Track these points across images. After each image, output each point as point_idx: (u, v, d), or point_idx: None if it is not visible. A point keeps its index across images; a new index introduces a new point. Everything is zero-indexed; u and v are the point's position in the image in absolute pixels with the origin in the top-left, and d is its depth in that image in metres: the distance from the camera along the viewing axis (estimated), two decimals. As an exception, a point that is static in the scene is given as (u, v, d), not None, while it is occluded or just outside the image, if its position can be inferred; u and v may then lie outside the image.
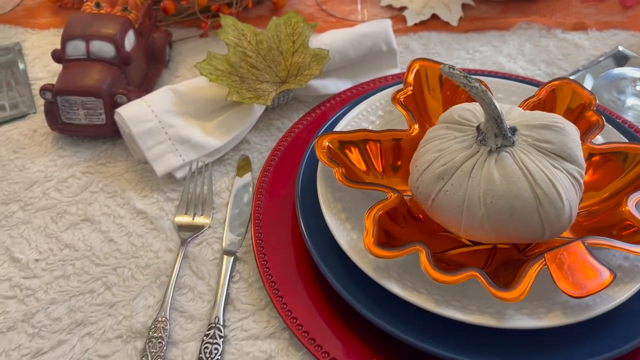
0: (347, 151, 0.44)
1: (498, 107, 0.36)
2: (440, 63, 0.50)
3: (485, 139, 0.37)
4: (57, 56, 0.53)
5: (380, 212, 0.38)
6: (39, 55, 0.64)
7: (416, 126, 0.45)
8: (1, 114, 0.56)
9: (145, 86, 0.57)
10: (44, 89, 0.51)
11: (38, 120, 0.56)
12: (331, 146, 0.43)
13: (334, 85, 0.57)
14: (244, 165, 0.51)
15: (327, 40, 0.56)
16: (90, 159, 0.52)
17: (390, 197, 0.39)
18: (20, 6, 0.72)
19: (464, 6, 0.69)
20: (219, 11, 0.65)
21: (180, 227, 0.46)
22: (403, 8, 0.70)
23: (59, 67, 0.61)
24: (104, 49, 0.52)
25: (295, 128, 0.52)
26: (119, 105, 0.51)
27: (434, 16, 0.68)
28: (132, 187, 0.50)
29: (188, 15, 0.65)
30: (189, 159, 0.50)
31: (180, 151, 0.50)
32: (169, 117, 0.50)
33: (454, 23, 0.67)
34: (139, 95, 0.52)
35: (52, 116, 0.53)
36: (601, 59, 0.62)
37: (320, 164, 0.44)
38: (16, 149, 0.53)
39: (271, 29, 0.55)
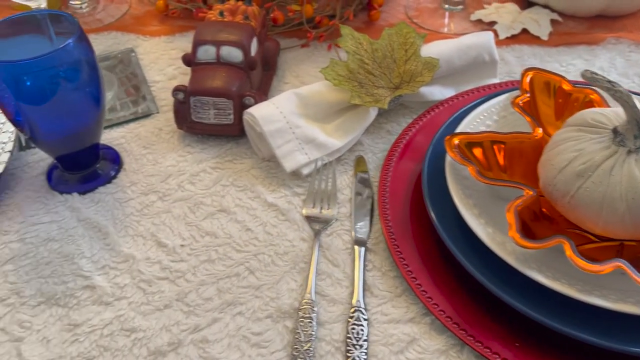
0: (473, 151, 0.47)
1: None
2: (553, 73, 0.53)
3: (623, 140, 0.40)
4: (188, 60, 0.57)
5: (520, 207, 0.41)
6: (153, 60, 0.68)
7: (540, 130, 0.48)
8: (127, 111, 0.61)
9: (261, 91, 0.61)
10: (177, 90, 0.55)
11: (162, 119, 0.60)
12: (461, 145, 0.46)
13: (439, 92, 0.60)
14: (360, 164, 0.55)
15: (434, 49, 0.59)
16: (218, 155, 0.56)
17: (527, 193, 0.42)
18: (129, 15, 0.76)
19: (552, 22, 0.72)
20: (321, 23, 0.69)
21: (309, 219, 0.50)
22: (492, 23, 0.73)
23: (174, 71, 0.66)
24: (233, 54, 0.56)
25: (409, 131, 0.56)
26: (246, 106, 0.55)
27: (524, 30, 0.71)
28: (260, 182, 0.53)
29: (292, 25, 0.69)
30: (313, 157, 0.53)
31: (306, 150, 0.53)
32: (294, 118, 0.54)
33: (545, 37, 0.70)
34: (262, 99, 0.56)
35: (182, 115, 0.56)
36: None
37: (447, 162, 0.47)
38: (146, 145, 0.57)
39: (384, 39, 0.58)
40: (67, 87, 0.46)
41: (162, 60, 0.68)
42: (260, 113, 0.53)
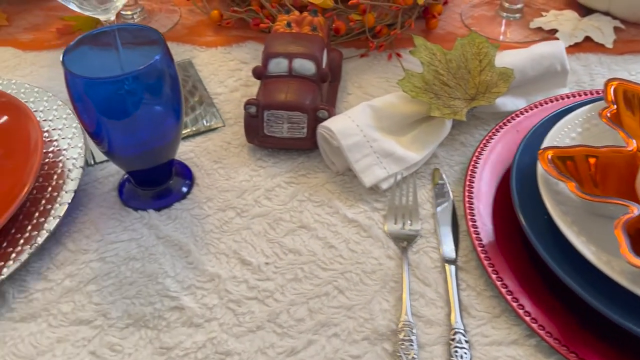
0: (566, 165, 0.46)
1: None
2: (636, 83, 0.52)
3: None
4: (258, 72, 0.56)
5: (628, 224, 0.40)
6: (213, 71, 0.67)
7: (634, 143, 0.46)
8: (194, 125, 0.60)
9: (330, 102, 0.60)
10: (249, 104, 0.54)
11: (229, 132, 0.59)
12: (555, 159, 0.45)
13: (511, 103, 0.59)
14: (437, 178, 0.53)
15: (507, 59, 0.58)
16: (291, 170, 0.55)
17: (632, 210, 0.41)
18: (180, 25, 0.76)
19: (615, 29, 0.71)
20: (380, 32, 0.68)
21: (393, 236, 0.49)
22: (553, 30, 0.71)
23: (235, 83, 0.65)
24: (306, 66, 0.55)
25: (487, 143, 0.54)
26: (320, 120, 0.54)
27: (587, 38, 0.70)
28: (336, 197, 0.52)
29: (353, 35, 0.68)
30: (392, 171, 0.52)
31: (384, 164, 0.52)
32: (371, 132, 0.53)
33: (609, 45, 0.69)
34: (334, 111, 0.55)
35: (253, 129, 0.55)
36: None
37: (540, 177, 0.46)
38: (216, 159, 0.56)
39: (457, 49, 0.57)
40: (151, 102, 0.45)
41: (222, 72, 0.67)
42: (337, 127, 0.52)
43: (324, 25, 0.61)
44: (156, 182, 0.52)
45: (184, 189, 0.53)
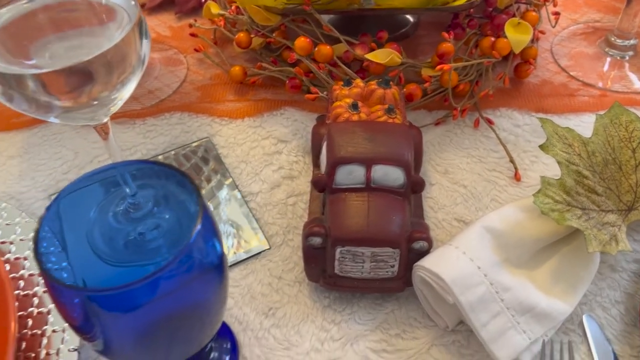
0: None
1: None
2: None
3: None
4: (322, 184, 0.39)
5: None
6: (242, 157, 0.50)
7: None
8: (229, 251, 0.43)
9: (417, 214, 0.43)
10: (312, 234, 0.37)
11: (277, 259, 0.42)
12: None
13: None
14: (597, 335, 0.37)
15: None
16: (378, 326, 0.38)
17: None
18: (189, 82, 0.58)
19: None
20: (461, 91, 0.51)
21: None
22: (680, 73, 0.55)
23: (275, 175, 0.48)
24: (391, 175, 0.38)
25: (656, 275, 0.38)
26: (416, 253, 0.37)
27: None
28: (452, 374, 0.36)
29: (427, 98, 0.51)
30: (535, 335, 0.35)
31: (522, 325, 0.35)
32: (497, 273, 0.36)
33: None
34: (429, 235, 0.38)
35: (317, 265, 0.39)
36: None
37: None
38: (266, 310, 0.39)
39: (599, 132, 0.40)
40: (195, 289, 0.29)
41: (255, 158, 0.50)
42: (450, 274, 0.35)
43: (399, 100, 0.44)
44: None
45: (227, 366, 0.37)
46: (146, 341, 0.29)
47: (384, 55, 0.48)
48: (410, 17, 0.62)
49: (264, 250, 0.43)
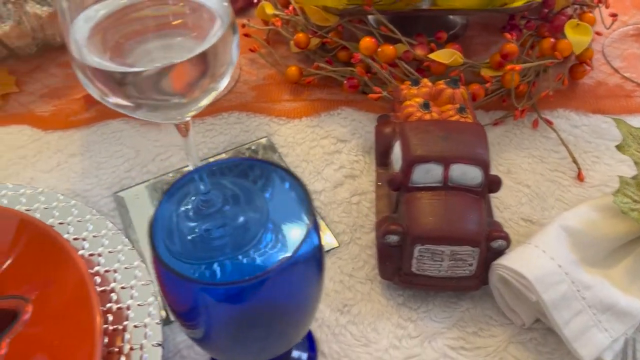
0: None
1: None
2: None
3: None
4: (397, 183, 0.39)
5: None
6: (303, 156, 0.50)
7: None
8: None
9: (489, 214, 0.43)
10: (388, 232, 0.38)
11: (346, 257, 0.42)
12: None
13: None
14: (668, 331, 0.37)
15: None
16: (455, 324, 0.38)
17: None
18: (243, 82, 0.58)
19: None
20: (520, 92, 0.51)
21: None
22: None
23: (337, 174, 0.48)
24: (469, 174, 0.38)
25: None
26: (495, 252, 0.38)
27: None
28: (533, 372, 0.36)
29: (487, 98, 0.51)
30: (616, 334, 0.36)
31: (604, 324, 0.36)
32: (577, 272, 0.36)
33: None
34: (506, 233, 0.38)
35: (392, 263, 0.39)
36: None
37: None
38: (341, 307, 0.39)
39: (672, 134, 0.41)
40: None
41: (316, 157, 0.50)
42: (533, 272, 0.35)
43: (467, 100, 0.44)
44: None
45: (305, 363, 0.37)
46: (245, 332, 0.30)
47: (446, 56, 0.48)
48: (459, 19, 0.63)
49: (333, 248, 0.43)
